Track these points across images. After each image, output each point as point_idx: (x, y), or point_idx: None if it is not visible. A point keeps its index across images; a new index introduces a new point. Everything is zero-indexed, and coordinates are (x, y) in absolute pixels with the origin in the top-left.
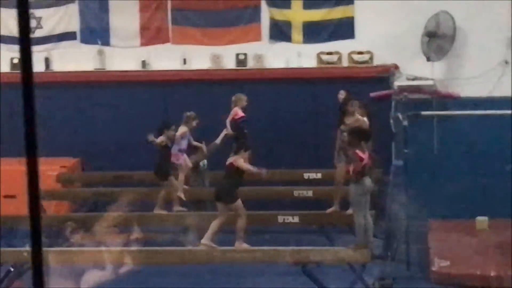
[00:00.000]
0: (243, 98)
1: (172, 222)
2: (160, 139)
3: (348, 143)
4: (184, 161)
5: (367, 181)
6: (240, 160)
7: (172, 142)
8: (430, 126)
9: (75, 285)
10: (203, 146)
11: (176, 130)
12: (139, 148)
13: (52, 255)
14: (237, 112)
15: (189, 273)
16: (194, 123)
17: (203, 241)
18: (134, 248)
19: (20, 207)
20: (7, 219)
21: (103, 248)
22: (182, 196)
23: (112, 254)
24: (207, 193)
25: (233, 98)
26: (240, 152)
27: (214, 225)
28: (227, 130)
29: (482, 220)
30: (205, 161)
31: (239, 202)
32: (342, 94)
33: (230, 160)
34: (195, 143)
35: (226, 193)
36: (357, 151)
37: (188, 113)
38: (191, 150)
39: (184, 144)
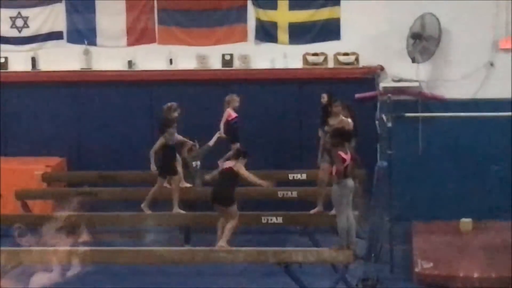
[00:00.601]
0: (235, 99)
1: (160, 221)
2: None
3: (330, 144)
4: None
5: (350, 182)
6: (242, 168)
7: (173, 140)
8: (415, 127)
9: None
10: (187, 141)
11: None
12: (125, 148)
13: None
14: (230, 113)
15: (172, 273)
16: (175, 114)
17: (220, 243)
18: (120, 247)
19: (4, 205)
20: None
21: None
22: (186, 184)
23: (93, 253)
24: (199, 193)
25: (226, 98)
26: (240, 159)
27: (229, 227)
28: (220, 133)
29: (466, 222)
30: (198, 162)
31: (235, 205)
32: (324, 98)
33: (230, 164)
34: (179, 137)
35: (224, 196)
36: (340, 152)
37: (169, 104)
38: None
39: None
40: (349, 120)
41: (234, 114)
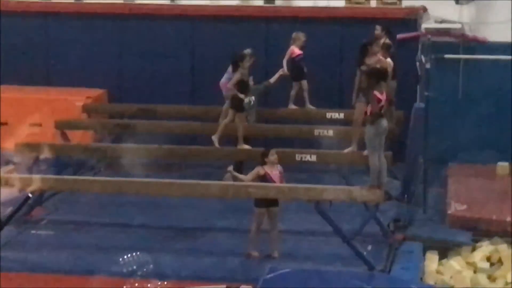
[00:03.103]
0: (301, 38)
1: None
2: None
3: (366, 83)
4: None
5: (384, 123)
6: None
7: (247, 76)
8: (456, 70)
9: None
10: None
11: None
12: (165, 81)
13: None
14: (294, 50)
15: (198, 207)
16: (251, 61)
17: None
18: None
19: (44, 135)
20: (31, 146)
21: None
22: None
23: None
24: (252, 129)
25: (293, 35)
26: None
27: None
28: (283, 71)
29: (503, 166)
30: (253, 97)
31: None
32: (378, 30)
33: None
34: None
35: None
36: (375, 92)
37: (245, 51)
38: None
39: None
40: (389, 60)
41: (298, 51)
